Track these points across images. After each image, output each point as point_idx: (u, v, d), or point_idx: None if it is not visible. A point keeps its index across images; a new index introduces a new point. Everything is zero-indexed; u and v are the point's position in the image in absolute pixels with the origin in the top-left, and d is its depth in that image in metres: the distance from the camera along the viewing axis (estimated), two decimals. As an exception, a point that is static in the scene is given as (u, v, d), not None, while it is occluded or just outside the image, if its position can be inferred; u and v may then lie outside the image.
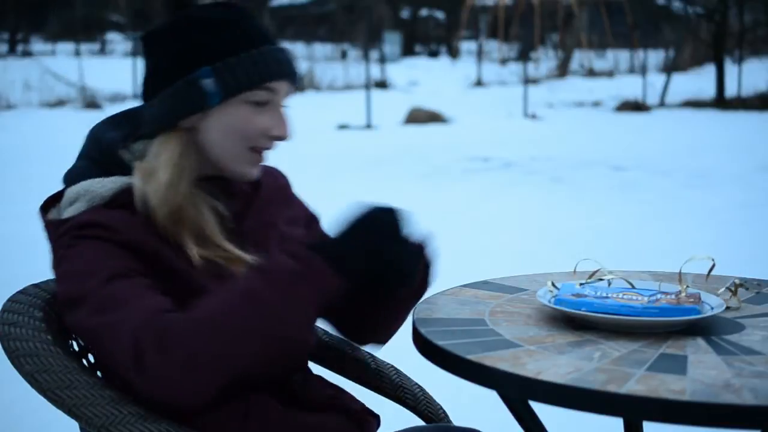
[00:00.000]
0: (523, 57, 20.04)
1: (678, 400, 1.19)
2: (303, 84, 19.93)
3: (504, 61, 31.46)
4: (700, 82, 21.37)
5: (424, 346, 1.42)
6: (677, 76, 21.21)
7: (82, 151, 1.56)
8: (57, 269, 1.46)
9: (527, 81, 17.53)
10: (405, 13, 45.48)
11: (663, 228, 6.80)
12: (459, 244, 5.98)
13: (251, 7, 1.60)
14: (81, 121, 14.33)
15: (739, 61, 18.71)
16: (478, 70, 24.46)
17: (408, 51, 39.74)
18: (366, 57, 17.05)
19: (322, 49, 33.65)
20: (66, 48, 37.61)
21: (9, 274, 4.89)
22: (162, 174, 1.47)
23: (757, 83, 17.95)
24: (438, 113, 15.09)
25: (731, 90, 18.00)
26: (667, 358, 1.33)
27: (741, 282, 1.70)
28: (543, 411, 1.45)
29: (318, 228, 1.76)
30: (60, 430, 2.23)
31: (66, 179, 1.54)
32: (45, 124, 14.10)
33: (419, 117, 14.89)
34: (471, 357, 1.33)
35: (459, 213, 7.33)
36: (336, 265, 1.35)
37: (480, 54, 26.25)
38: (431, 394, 1.89)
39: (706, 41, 21.11)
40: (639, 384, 1.23)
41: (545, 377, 1.25)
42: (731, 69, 19.41)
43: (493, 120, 15.23)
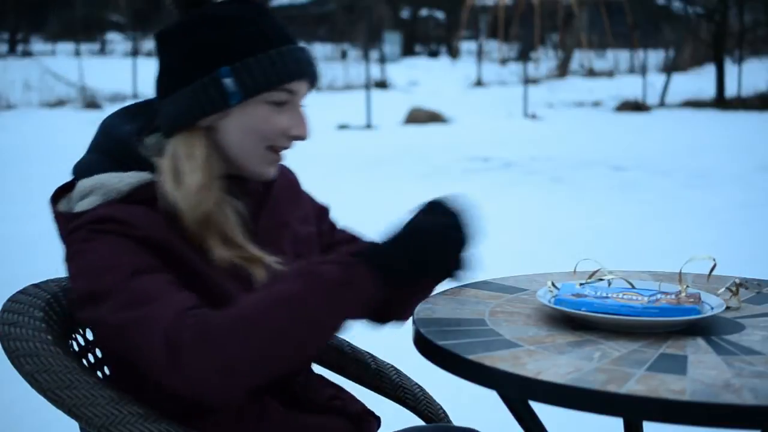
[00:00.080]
0: (523, 57, 20.04)
1: (678, 400, 1.19)
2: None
3: (504, 61, 31.47)
4: (700, 82, 21.38)
5: (424, 346, 1.42)
6: (677, 76, 21.21)
7: (93, 144, 1.53)
8: (71, 263, 1.42)
9: (527, 81, 17.53)
10: (405, 13, 45.49)
11: (663, 228, 6.80)
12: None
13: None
14: (81, 121, 14.34)
15: (739, 61, 18.71)
16: (478, 70, 24.47)
17: (408, 51, 39.76)
18: (366, 57, 17.05)
19: (322, 49, 33.63)
20: (66, 48, 37.61)
21: (9, 274, 4.89)
22: (192, 177, 1.44)
23: (757, 83, 17.95)
24: (438, 113, 15.09)
25: (731, 90, 18.00)
26: (667, 358, 1.33)
27: (741, 281, 1.70)
28: (543, 411, 1.45)
29: (328, 219, 1.76)
30: (60, 430, 2.23)
31: (76, 171, 1.51)
32: (45, 124, 14.10)
33: (419, 117, 14.89)
34: (471, 357, 1.33)
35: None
36: (380, 274, 1.34)
37: (480, 54, 26.25)
38: (431, 394, 1.89)
39: (706, 41, 21.12)
40: (639, 384, 1.23)
41: (545, 377, 1.25)
42: (731, 69, 19.42)
43: (493, 120, 15.23)
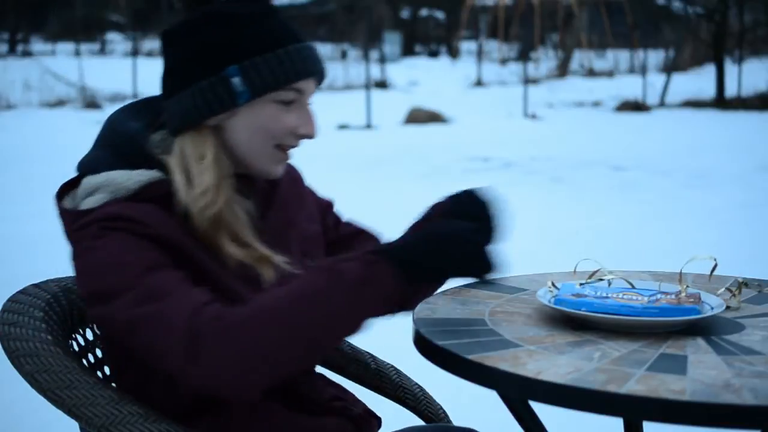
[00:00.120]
0: (523, 57, 20.04)
1: (678, 400, 1.19)
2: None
3: (504, 61, 31.47)
4: (700, 82, 21.38)
5: (424, 346, 1.42)
6: (677, 76, 21.21)
7: (99, 140, 1.52)
8: (79, 260, 1.41)
9: (527, 81, 17.53)
10: (405, 13, 45.48)
11: (663, 228, 6.80)
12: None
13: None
14: (81, 121, 14.35)
15: (739, 61, 18.71)
16: (478, 70, 24.47)
17: (408, 51, 39.76)
18: (366, 57, 17.05)
19: (322, 49, 33.51)
20: (66, 48, 37.60)
21: (9, 274, 4.90)
22: (202, 177, 1.44)
23: (757, 83, 17.95)
24: (438, 113, 15.09)
25: (731, 90, 18.00)
26: (667, 358, 1.33)
27: (744, 281, 1.69)
28: (543, 411, 1.45)
29: (332, 213, 1.76)
30: (60, 430, 2.23)
31: (82, 168, 1.50)
32: (45, 124, 14.09)
33: (419, 117, 14.89)
34: (471, 357, 1.33)
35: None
36: (401, 273, 1.34)
37: (480, 54, 26.25)
38: (431, 394, 1.89)
39: (706, 41, 21.12)
40: (639, 384, 1.23)
41: (545, 377, 1.25)
42: (731, 69, 19.42)
43: (493, 120, 15.23)
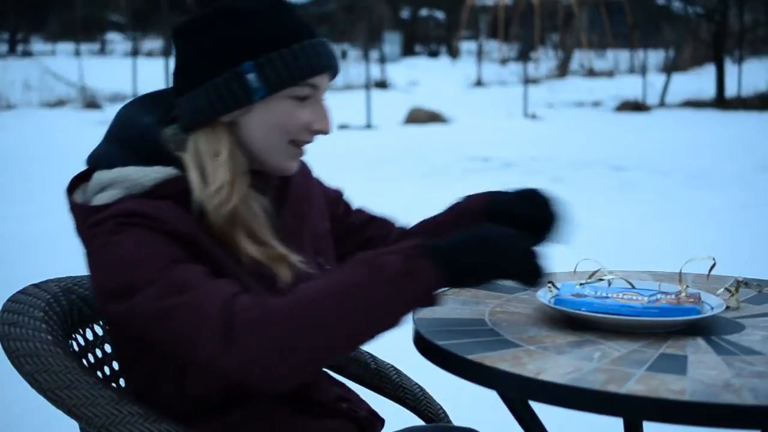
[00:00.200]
0: (523, 57, 20.04)
1: (678, 400, 1.19)
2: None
3: (504, 61, 31.47)
4: (700, 82, 21.38)
5: (424, 346, 1.42)
6: (677, 76, 21.21)
7: (111, 134, 1.50)
8: (94, 257, 1.39)
9: (527, 81, 17.53)
10: (405, 13, 45.49)
11: (663, 228, 6.80)
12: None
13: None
14: (81, 121, 14.35)
15: (739, 61, 18.71)
16: (478, 70, 24.47)
17: (408, 51, 39.77)
18: (366, 57, 17.04)
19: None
20: (66, 48, 37.60)
21: (9, 274, 4.90)
22: (217, 174, 1.43)
23: (757, 83, 17.95)
24: (438, 113, 15.09)
25: (731, 90, 18.00)
26: (667, 358, 1.33)
27: (743, 280, 1.69)
28: (543, 411, 1.45)
29: (342, 203, 1.76)
30: (60, 430, 2.23)
31: (93, 162, 1.48)
32: (45, 124, 14.09)
33: (419, 117, 14.89)
34: (471, 357, 1.33)
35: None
36: (443, 270, 1.33)
37: (480, 54, 26.25)
38: (431, 394, 1.89)
39: (706, 41, 21.12)
40: (639, 384, 1.23)
41: (545, 377, 1.25)
42: (731, 69, 19.41)
43: (493, 120, 15.23)
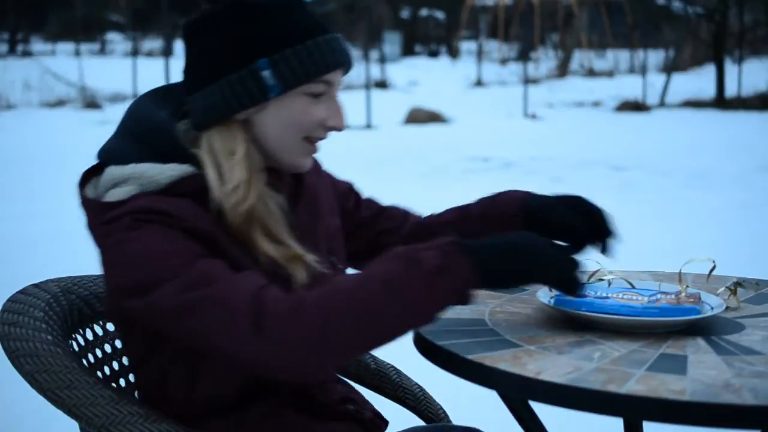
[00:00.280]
0: (523, 57, 20.04)
1: (678, 400, 1.19)
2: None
3: (504, 61, 31.47)
4: (700, 82, 21.37)
5: (424, 346, 1.42)
6: (677, 76, 21.21)
7: (124, 128, 1.48)
8: (110, 254, 1.37)
9: (527, 81, 17.53)
10: (405, 13, 45.50)
11: (663, 228, 6.80)
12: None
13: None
14: (81, 121, 14.35)
15: (739, 61, 18.71)
16: (478, 70, 24.46)
17: (408, 51, 39.77)
18: (366, 57, 17.03)
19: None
20: (66, 48, 37.59)
21: (9, 274, 4.90)
22: (233, 174, 1.41)
23: (757, 83, 17.95)
24: (438, 113, 15.09)
25: (731, 90, 18.00)
26: (667, 358, 1.33)
27: (739, 281, 1.69)
28: (543, 411, 1.45)
29: (353, 196, 1.75)
30: (60, 430, 2.23)
31: (104, 156, 1.46)
32: (45, 124, 14.09)
33: (419, 117, 14.89)
34: (471, 357, 1.33)
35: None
36: (479, 270, 1.32)
37: (480, 54, 26.25)
38: (431, 394, 1.89)
39: (706, 41, 21.12)
40: (639, 384, 1.23)
41: (545, 377, 1.25)
42: (731, 69, 19.41)
43: (493, 120, 15.23)
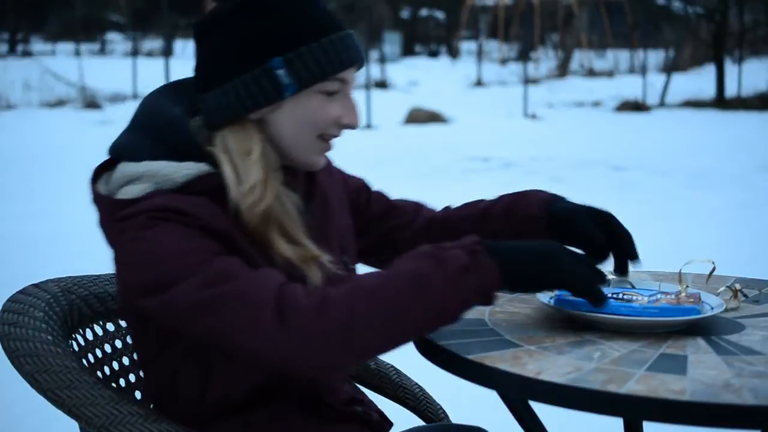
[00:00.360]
0: (523, 57, 20.04)
1: (678, 400, 1.19)
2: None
3: (504, 61, 31.47)
4: (700, 82, 21.38)
5: (424, 346, 1.42)
6: (677, 76, 21.21)
7: (138, 124, 1.46)
8: (124, 252, 1.36)
9: (527, 81, 17.53)
10: (405, 13, 45.49)
11: (663, 228, 6.80)
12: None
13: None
14: (81, 121, 14.35)
15: (739, 61, 18.72)
16: (478, 70, 24.46)
17: (408, 51, 39.76)
18: (366, 57, 17.02)
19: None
20: (66, 48, 37.56)
21: (9, 274, 4.90)
22: (250, 174, 1.40)
23: (757, 83, 17.95)
24: (438, 113, 15.09)
25: (731, 90, 18.01)
26: (667, 358, 1.33)
27: (737, 288, 1.68)
28: (543, 411, 1.45)
29: (364, 192, 1.75)
30: (60, 430, 2.23)
31: (117, 152, 1.44)
32: (45, 124, 14.09)
33: (419, 117, 14.89)
34: (471, 357, 1.33)
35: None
36: (504, 271, 1.32)
37: (480, 54, 26.26)
38: (431, 394, 1.89)
39: (706, 41, 21.12)
40: (639, 384, 1.23)
41: (545, 377, 1.25)
42: (731, 69, 19.42)
43: (493, 120, 15.23)
